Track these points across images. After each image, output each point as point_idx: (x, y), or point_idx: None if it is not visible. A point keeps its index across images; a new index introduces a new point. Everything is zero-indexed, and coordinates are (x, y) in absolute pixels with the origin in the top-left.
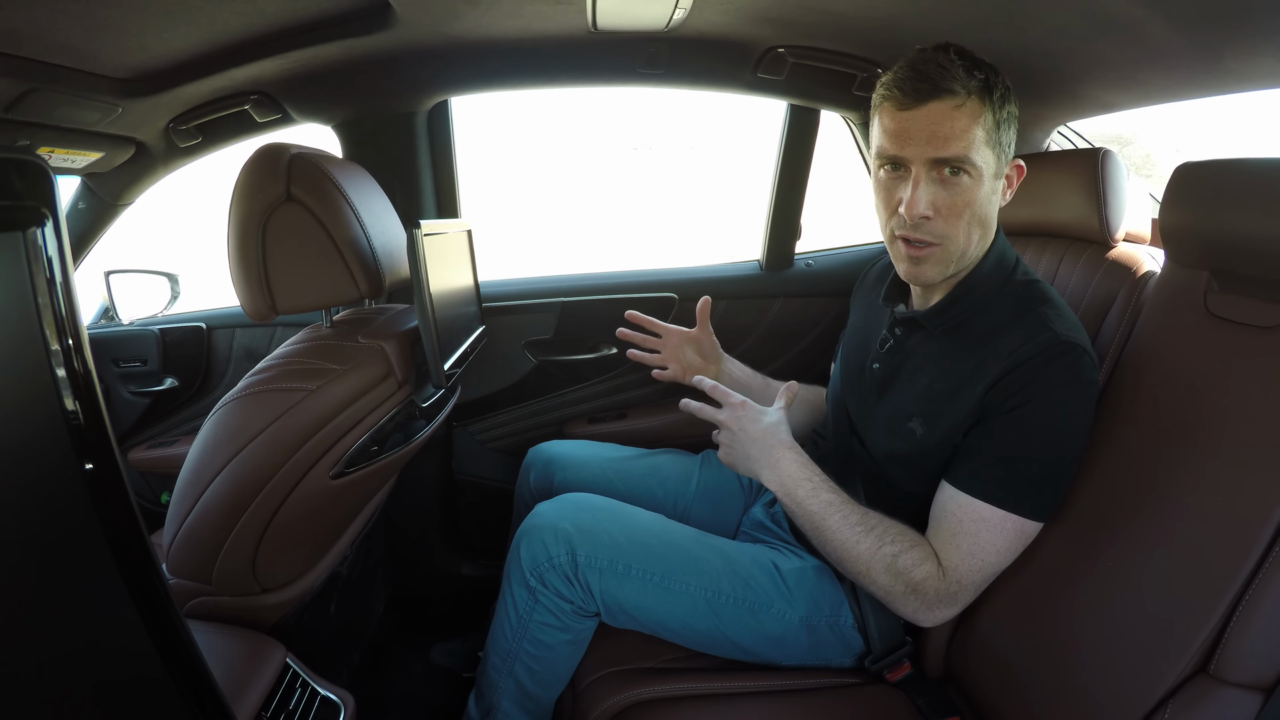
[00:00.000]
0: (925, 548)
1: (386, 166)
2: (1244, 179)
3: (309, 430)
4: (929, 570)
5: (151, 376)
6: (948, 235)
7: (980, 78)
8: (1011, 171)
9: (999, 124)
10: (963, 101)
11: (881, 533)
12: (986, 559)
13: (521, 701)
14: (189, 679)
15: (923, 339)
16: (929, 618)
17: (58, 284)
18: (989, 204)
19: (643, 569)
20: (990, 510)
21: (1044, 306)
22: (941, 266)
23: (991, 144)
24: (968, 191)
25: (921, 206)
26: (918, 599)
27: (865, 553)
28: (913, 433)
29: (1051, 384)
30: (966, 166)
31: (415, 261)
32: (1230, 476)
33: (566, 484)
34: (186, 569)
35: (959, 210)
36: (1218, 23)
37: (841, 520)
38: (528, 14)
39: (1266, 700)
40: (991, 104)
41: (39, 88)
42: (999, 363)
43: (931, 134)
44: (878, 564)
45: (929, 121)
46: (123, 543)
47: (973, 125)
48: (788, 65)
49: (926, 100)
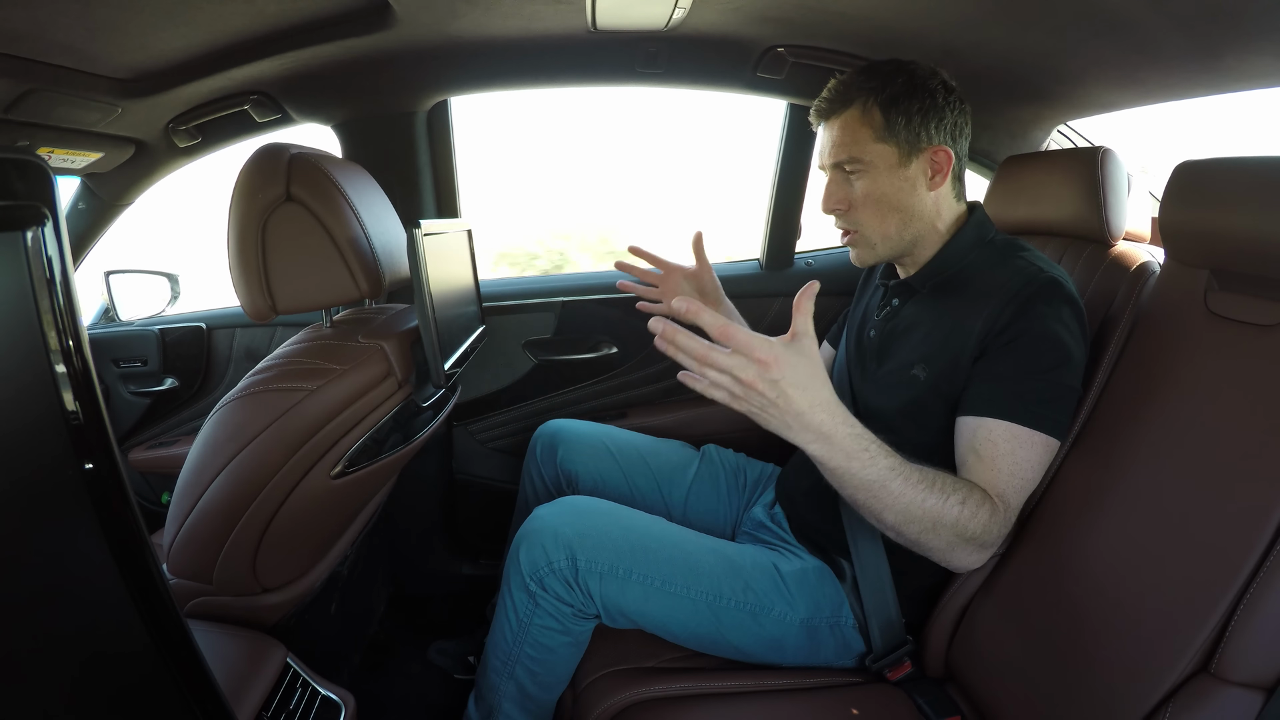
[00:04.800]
0: (978, 491)
1: (386, 166)
2: (1244, 178)
3: (309, 430)
4: (987, 513)
5: (151, 376)
6: (860, 223)
7: (869, 86)
8: (940, 158)
9: (890, 121)
10: (845, 111)
11: (942, 486)
12: (1026, 477)
13: (522, 703)
14: (189, 679)
15: (915, 303)
16: (978, 559)
17: (58, 284)
18: (902, 192)
19: (643, 573)
20: (1019, 429)
21: (1023, 252)
22: (866, 250)
23: (885, 139)
24: (868, 184)
25: (830, 203)
26: (972, 546)
27: (931, 511)
28: (916, 379)
29: (1042, 310)
30: (858, 164)
31: (415, 261)
32: (1231, 475)
33: (569, 460)
34: (187, 569)
35: (862, 201)
36: (1217, 22)
37: (903, 484)
38: (527, 14)
39: (1268, 699)
40: (879, 104)
41: (39, 88)
42: (989, 302)
43: (831, 142)
44: (945, 519)
45: (829, 133)
46: (123, 543)
47: (860, 128)
48: (787, 65)
49: (828, 116)
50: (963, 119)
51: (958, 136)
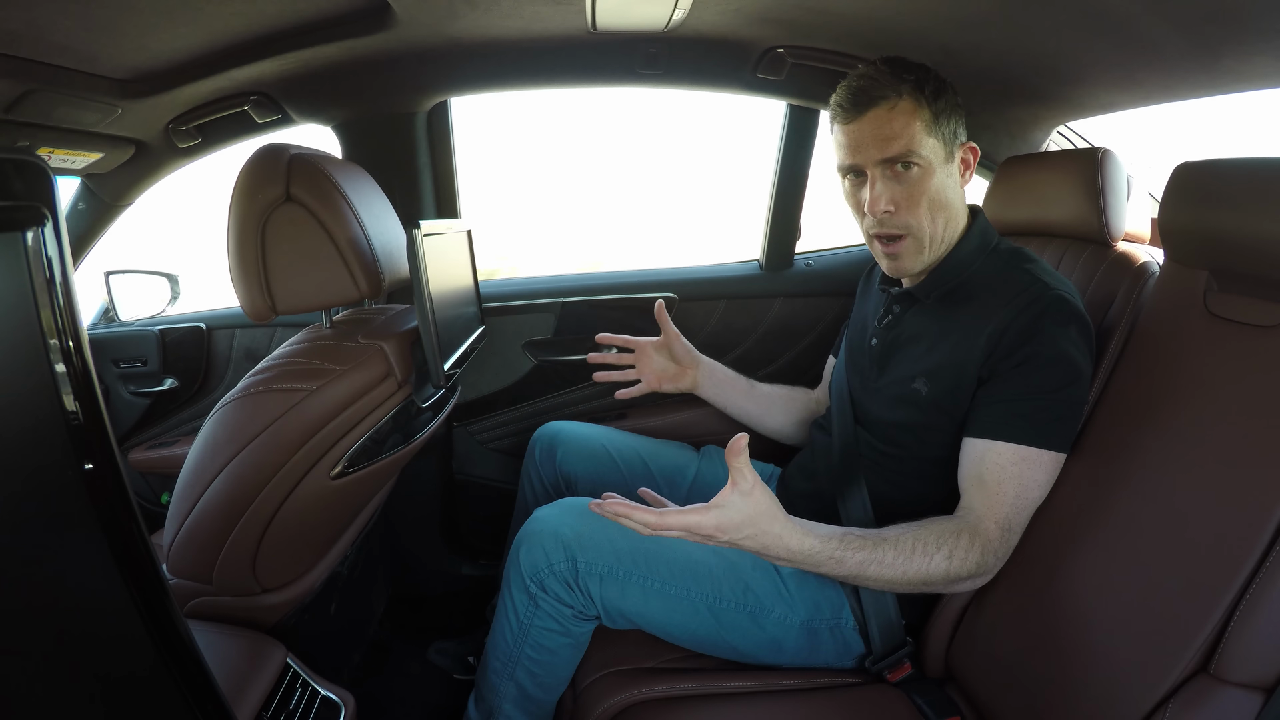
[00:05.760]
0: (964, 537)
1: (386, 166)
2: (1243, 178)
3: (309, 430)
4: (978, 553)
5: (151, 377)
6: (912, 224)
7: (910, 79)
8: (967, 154)
9: (936, 115)
10: (895, 103)
11: (924, 548)
12: (1033, 496)
13: (523, 704)
14: (189, 679)
15: (917, 313)
16: (980, 583)
17: (58, 284)
18: (945, 188)
19: (643, 575)
20: (1028, 450)
21: (1028, 264)
22: (917, 255)
23: (934, 133)
24: (921, 181)
25: (882, 203)
26: (969, 581)
27: (918, 574)
28: (918, 392)
29: (1052, 332)
30: (914, 159)
31: (415, 261)
32: (1230, 476)
33: (568, 461)
34: (187, 569)
35: (916, 199)
36: (1217, 22)
37: (879, 568)
38: (527, 14)
39: (1267, 700)
40: (925, 98)
41: (39, 88)
42: (994, 317)
43: (876, 138)
44: (934, 576)
45: (872, 128)
46: (123, 543)
47: (911, 121)
48: (787, 65)
49: (865, 110)
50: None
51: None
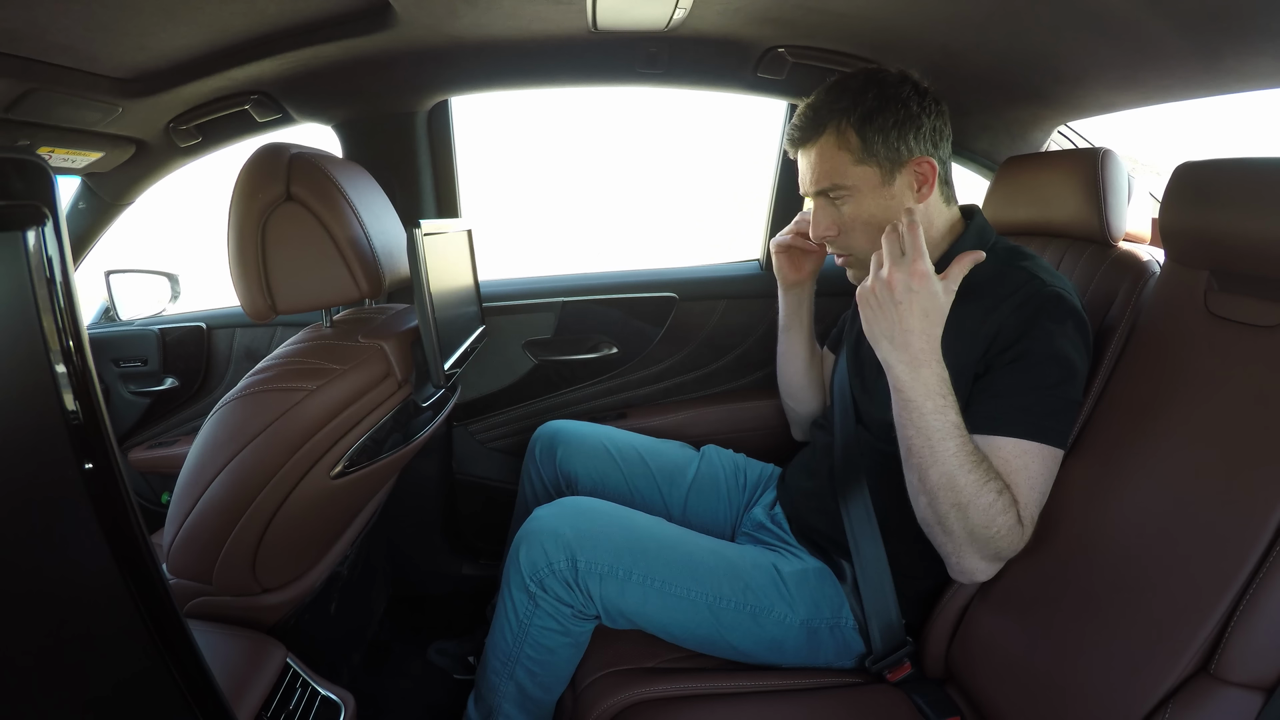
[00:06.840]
0: (1009, 494)
1: (386, 166)
2: (1244, 178)
3: (309, 430)
4: (1012, 519)
5: (151, 376)
6: (852, 246)
7: (841, 107)
8: (923, 169)
9: (868, 141)
10: (818, 139)
11: (988, 469)
12: (1040, 489)
13: (522, 704)
14: (189, 679)
15: None
16: (985, 568)
17: (58, 284)
18: (889, 210)
19: (643, 574)
20: (1025, 443)
21: (1025, 261)
22: (863, 271)
23: (864, 161)
24: (855, 208)
25: (820, 229)
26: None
27: (970, 486)
28: None
29: (1048, 328)
30: (841, 191)
31: (415, 261)
32: (1230, 476)
33: (568, 460)
34: (187, 569)
35: (851, 224)
36: (1218, 22)
37: (959, 447)
38: (528, 14)
39: (1267, 700)
40: (853, 126)
41: (39, 88)
42: (991, 316)
43: (811, 172)
44: (978, 502)
45: (807, 164)
46: (123, 543)
47: (835, 154)
48: (788, 65)
49: (800, 146)
50: (940, 122)
51: (939, 142)
